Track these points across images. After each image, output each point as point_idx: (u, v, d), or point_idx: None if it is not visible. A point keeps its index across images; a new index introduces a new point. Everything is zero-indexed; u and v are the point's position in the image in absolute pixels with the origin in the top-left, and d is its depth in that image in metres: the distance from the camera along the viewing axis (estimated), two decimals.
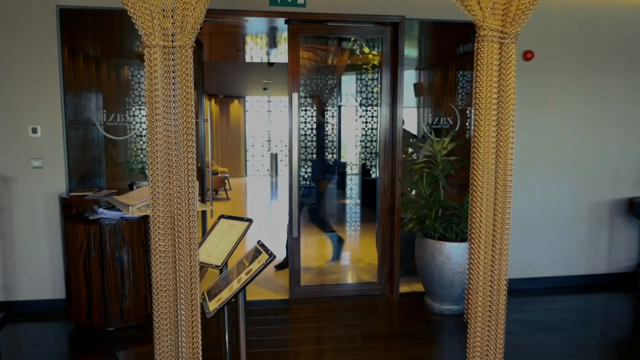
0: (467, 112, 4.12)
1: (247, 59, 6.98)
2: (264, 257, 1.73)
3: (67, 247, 3.22)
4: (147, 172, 4.04)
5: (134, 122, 3.78)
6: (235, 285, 1.68)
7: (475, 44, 1.59)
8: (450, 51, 4.27)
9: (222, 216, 2.58)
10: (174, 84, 1.45)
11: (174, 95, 1.46)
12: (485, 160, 1.58)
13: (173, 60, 1.44)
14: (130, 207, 2.42)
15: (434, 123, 4.10)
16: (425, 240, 3.49)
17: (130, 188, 3.40)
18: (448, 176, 3.66)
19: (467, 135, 4.12)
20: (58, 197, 3.39)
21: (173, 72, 1.44)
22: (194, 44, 1.51)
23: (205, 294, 1.83)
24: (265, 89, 12.10)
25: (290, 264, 3.85)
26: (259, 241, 1.94)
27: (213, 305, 1.66)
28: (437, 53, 4.38)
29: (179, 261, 1.55)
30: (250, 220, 2.45)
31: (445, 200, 3.56)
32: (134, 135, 3.82)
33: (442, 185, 3.60)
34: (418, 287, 4.00)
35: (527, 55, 3.85)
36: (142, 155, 3.92)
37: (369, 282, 4.09)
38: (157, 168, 1.48)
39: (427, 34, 4.22)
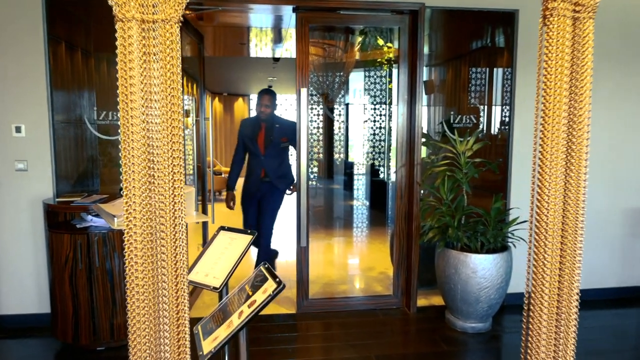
0: (482, 109, 3.78)
1: (252, 54, 6.66)
2: (270, 285, 1.40)
3: (52, 259, 2.92)
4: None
5: None
6: (235, 321, 1.36)
7: (541, 20, 1.25)
8: (469, 44, 3.94)
9: (222, 228, 2.26)
10: (155, 69, 1.12)
11: (156, 85, 1.13)
12: (553, 161, 1.26)
13: (154, 38, 1.11)
14: (115, 219, 2.10)
15: (455, 122, 3.75)
16: (448, 251, 3.15)
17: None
18: (470, 179, 3.32)
19: (480, 135, 3.78)
20: (42, 204, 3.08)
21: (154, 54, 1.11)
22: (183, 19, 1.18)
23: (200, 328, 1.50)
24: (270, 86, 11.78)
25: (297, 275, 3.52)
26: (264, 263, 1.61)
27: (208, 347, 1.34)
28: (453, 47, 4.04)
29: (162, 291, 1.23)
30: (253, 233, 2.13)
31: (470, 207, 3.22)
32: None
33: (466, 191, 3.27)
34: (437, 300, 3.67)
35: None
36: None
37: (383, 294, 3.76)
38: (132, 174, 1.16)
39: (441, 27, 3.88)
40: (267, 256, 3.88)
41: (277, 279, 1.42)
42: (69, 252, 2.85)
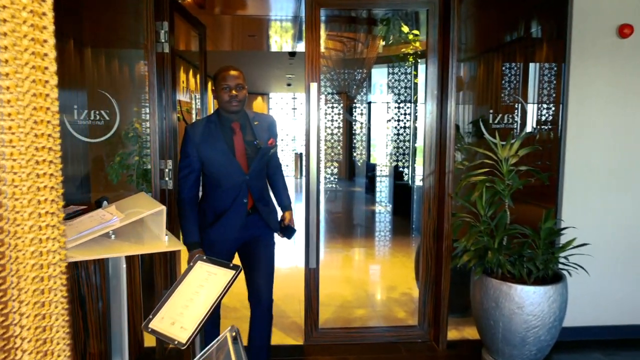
0: (517, 107, 3.19)
1: (264, 48, 6.18)
2: None
3: None
4: (133, 178, 3.30)
5: (115, 120, 3.03)
6: None
7: None
8: (507, 34, 3.36)
9: (200, 258, 1.78)
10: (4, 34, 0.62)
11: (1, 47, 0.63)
12: None
13: None
14: None
15: (495, 122, 3.18)
16: (487, 280, 2.59)
17: (98, 206, 2.64)
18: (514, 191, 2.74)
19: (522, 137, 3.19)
20: None
21: None
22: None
23: None
24: (289, 84, 11.34)
25: (306, 302, 3.01)
26: (232, 328, 1.11)
27: None
28: (488, 37, 3.47)
29: None
30: (236, 268, 1.64)
31: (515, 225, 2.65)
32: (127, 133, 3.08)
33: (509, 205, 2.70)
34: (471, 332, 3.11)
35: (624, 31, 2.89)
36: (130, 159, 3.18)
37: (407, 325, 3.22)
38: None
39: (473, 14, 3.32)
40: (269, 320, 2.38)
41: None
42: None
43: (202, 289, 1.63)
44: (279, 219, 2.47)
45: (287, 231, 2.43)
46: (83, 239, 1.65)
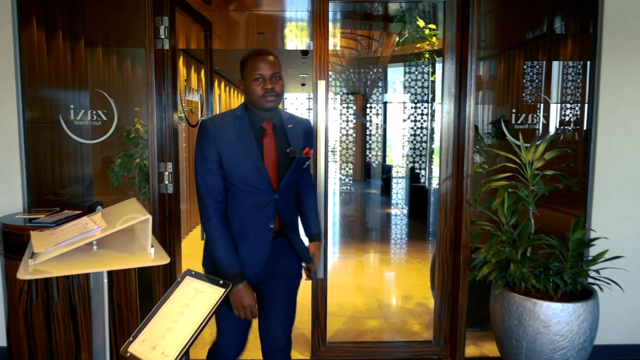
0: (539, 106, 2.95)
1: (276, 46, 6.02)
2: None
3: (8, 291, 2.38)
4: (135, 181, 3.16)
5: (114, 119, 2.90)
6: None
7: None
8: (530, 30, 3.13)
9: (189, 272, 1.61)
10: None
11: None
12: None
13: None
14: (31, 260, 1.48)
15: (518, 122, 2.95)
16: (509, 295, 2.37)
17: (91, 211, 2.50)
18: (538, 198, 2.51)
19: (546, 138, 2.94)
20: None
21: None
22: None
23: None
24: (303, 84, 11.18)
25: (313, 314, 2.83)
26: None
27: None
28: (510, 34, 3.25)
29: None
30: (226, 286, 1.46)
31: (539, 235, 2.42)
32: (128, 134, 2.95)
33: (533, 213, 2.47)
34: (490, 349, 2.88)
35: None
36: (127, 161, 3.05)
37: (422, 340, 3.00)
38: None
39: (494, 9, 3.09)
40: None
41: None
42: (23, 283, 2.29)
43: (188, 308, 1.46)
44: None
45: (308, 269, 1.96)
46: (58, 252, 1.50)
